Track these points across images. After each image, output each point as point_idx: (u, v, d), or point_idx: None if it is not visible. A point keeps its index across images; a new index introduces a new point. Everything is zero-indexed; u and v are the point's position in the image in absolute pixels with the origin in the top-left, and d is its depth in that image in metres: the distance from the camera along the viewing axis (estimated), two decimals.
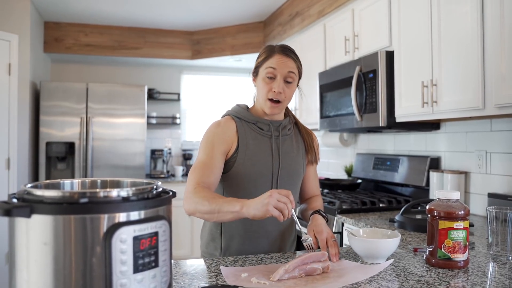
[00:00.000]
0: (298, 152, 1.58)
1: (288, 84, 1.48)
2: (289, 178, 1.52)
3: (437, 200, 1.26)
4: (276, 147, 1.52)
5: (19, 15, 3.78)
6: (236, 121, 1.53)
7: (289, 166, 1.53)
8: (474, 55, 1.82)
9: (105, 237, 0.69)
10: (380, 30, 2.51)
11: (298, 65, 1.51)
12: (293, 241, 1.62)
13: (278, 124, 1.55)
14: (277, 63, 1.45)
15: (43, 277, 0.68)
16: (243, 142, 1.48)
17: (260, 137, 1.51)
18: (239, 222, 1.46)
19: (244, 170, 1.45)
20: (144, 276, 0.72)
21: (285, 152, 1.53)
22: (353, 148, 3.46)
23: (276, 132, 1.54)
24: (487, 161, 2.19)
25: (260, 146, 1.49)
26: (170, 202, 0.81)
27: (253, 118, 1.53)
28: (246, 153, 1.47)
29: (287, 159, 1.53)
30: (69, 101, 4.29)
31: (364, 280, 1.09)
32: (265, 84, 1.47)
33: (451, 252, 1.20)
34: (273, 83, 1.46)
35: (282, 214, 1.16)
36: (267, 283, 1.05)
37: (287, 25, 3.97)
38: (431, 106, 2.06)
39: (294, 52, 1.52)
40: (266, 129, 1.53)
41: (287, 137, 1.57)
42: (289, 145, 1.56)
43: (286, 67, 1.46)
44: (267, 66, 1.47)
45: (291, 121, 1.62)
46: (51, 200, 0.69)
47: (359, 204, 2.41)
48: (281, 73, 1.45)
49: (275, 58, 1.47)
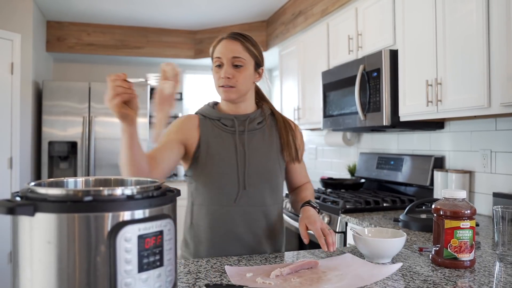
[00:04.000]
0: (271, 148, 1.48)
1: (237, 68, 1.39)
2: (260, 176, 1.43)
3: (443, 199, 1.25)
4: (241, 143, 1.43)
5: (21, 14, 3.78)
6: (200, 118, 1.47)
7: (259, 163, 1.43)
8: (480, 53, 1.80)
9: (109, 236, 0.68)
10: (384, 28, 2.49)
11: (247, 47, 1.41)
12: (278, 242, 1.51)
13: (244, 118, 1.46)
14: (222, 50, 1.40)
15: (46, 276, 0.67)
16: (204, 141, 1.42)
17: (224, 134, 1.44)
18: (207, 226, 1.41)
19: (208, 170, 1.39)
20: (149, 275, 0.71)
21: (253, 148, 1.44)
22: (356, 148, 3.44)
23: (242, 127, 1.45)
24: (492, 161, 2.17)
25: (223, 144, 1.42)
26: (175, 201, 0.81)
27: (216, 115, 1.46)
28: (208, 152, 1.41)
29: (256, 156, 1.43)
30: (72, 100, 4.28)
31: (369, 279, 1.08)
32: (215, 74, 1.43)
33: (458, 251, 1.19)
34: (221, 70, 1.40)
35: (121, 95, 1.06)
36: (272, 283, 1.04)
37: (290, 24, 3.96)
38: (436, 105, 2.05)
39: (244, 35, 1.44)
40: (230, 124, 1.45)
41: (256, 131, 1.47)
42: (259, 140, 1.46)
43: (231, 52, 1.39)
44: (214, 56, 1.43)
45: (264, 113, 1.51)
46: (55, 198, 0.68)
47: (363, 203, 2.40)
48: (227, 59, 1.39)
49: (221, 45, 1.41)
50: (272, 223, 1.47)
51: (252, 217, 1.42)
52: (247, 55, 1.41)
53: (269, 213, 1.46)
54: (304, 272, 1.14)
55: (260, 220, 1.43)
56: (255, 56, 1.44)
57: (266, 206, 1.44)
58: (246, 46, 1.41)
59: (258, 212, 1.43)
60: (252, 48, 1.42)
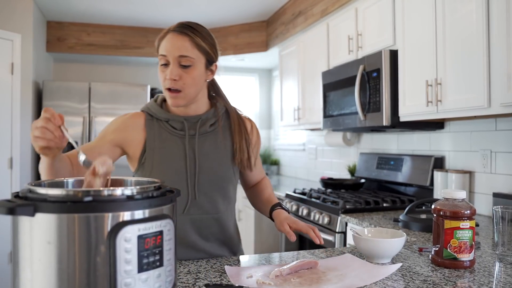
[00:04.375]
0: (226, 151, 1.35)
1: (185, 68, 1.23)
2: (212, 184, 1.31)
3: (443, 199, 1.25)
4: (191, 148, 1.30)
5: (21, 14, 3.78)
6: (146, 118, 1.33)
7: (210, 170, 1.31)
8: (480, 54, 1.80)
9: (109, 236, 0.68)
10: (384, 29, 2.49)
11: (197, 43, 1.24)
12: (234, 246, 1.42)
13: (195, 120, 1.33)
14: (167, 47, 1.23)
15: (46, 276, 0.68)
16: (150, 146, 1.29)
17: (172, 138, 1.31)
18: None
19: (154, 178, 1.18)
20: (148, 275, 0.71)
21: (205, 154, 1.31)
22: (356, 148, 3.44)
23: (192, 130, 1.32)
24: (492, 161, 2.17)
25: (171, 149, 1.29)
26: (175, 201, 0.81)
27: (165, 116, 1.32)
28: (154, 159, 1.28)
29: (208, 162, 1.31)
30: (72, 100, 4.28)
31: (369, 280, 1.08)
32: (160, 72, 1.27)
33: (457, 252, 1.19)
34: (167, 70, 1.24)
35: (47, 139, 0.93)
36: (272, 283, 1.04)
37: (290, 24, 3.96)
38: (436, 105, 2.05)
39: (193, 27, 1.26)
40: (179, 127, 1.31)
41: (209, 134, 1.34)
42: (211, 144, 1.33)
43: (177, 50, 1.22)
44: (159, 53, 1.27)
45: (218, 113, 1.37)
46: (55, 199, 0.68)
47: (363, 203, 2.40)
48: (173, 58, 1.23)
49: (167, 40, 1.25)
50: (226, 229, 1.38)
51: (204, 225, 1.33)
52: (197, 53, 1.25)
53: (222, 219, 1.36)
54: (303, 272, 1.14)
55: (212, 226, 1.34)
56: (206, 53, 1.27)
57: (219, 213, 1.35)
58: (196, 42, 1.24)
59: (210, 219, 1.33)
60: (202, 44, 1.26)
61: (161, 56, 1.25)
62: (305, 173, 4.41)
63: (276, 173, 5.20)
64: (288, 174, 4.94)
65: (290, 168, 4.87)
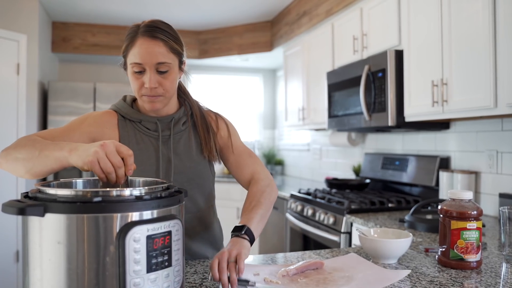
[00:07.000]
0: (198, 148, 1.33)
1: (163, 74, 1.19)
2: (190, 183, 1.28)
3: (449, 200, 1.24)
4: (167, 149, 1.27)
5: (27, 15, 3.80)
6: (119, 119, 1.29)
7: (188, 169, 1.28)
8: (486, 53, 1.80)
9: (118, 236, 0.68)
10: (389, 29, 2.49)
11: (171, 46, 1.20)
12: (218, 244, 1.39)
13: (168, 120, 1.29)
14: (142, 54, 1.16)
15: (56, 276, 0.68)
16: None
17: (146, 139, 1.27)
18: None
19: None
20: (157, 275, 0.72)
21: (180, 154, 1.29)
22: (361, 148, 3.44)
23: (167, 131, 1.29)
24: (498, 161, 2.17)
25: (145, 151, 1.25)
26: (183, 201, 0.81)
27: (137, 116, 1.28)
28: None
29: (184, 161, 1.29)
30: (77, 100, 4.30)
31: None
32: (135, 80, 1.20)
33: (464, 252, 1.18)
34: (144, 77, 1.18)
35: (107, 177, 0.83)
36: (280, 282, 1.05)
37: (294, 25, 3.96)
38: (441, 106, 2.04)
39: (164, 30, 1.20)
40: (153, 128, 1.28)
41: (182, 133, 1.32)
42: (185, 142, 1.31)
43: (154, 57, 1.16)
44: (131, 61, 1.18)
45: (188, 111, 1.34)
46: (65, 199, 0.69)
47: (368, 204, 2.39)
48: (150, 65, 1.17)
49: (139, 45, 1.16)
50: (209, 226, 1.35)
51: (187, 225, 1.26)
52: (172, 57, 1.21)
53: (204, 216, 1.34)
54: (310, 273, 1.14)
55: (195, 226, 1.31)
56: (179, 54, 1.24)
57: (200, 211, 1.32)
58: (170, 46, 1.20)
59: (192, 218, 1.30)
60: (176, 46, 1.22)
61: (135, 64, 1.18)
62: (310, 173, 4.41)
63: (280, 173, 5.20)
64: (292, 174, 4.94)
65: (295, 168, 4.87)
